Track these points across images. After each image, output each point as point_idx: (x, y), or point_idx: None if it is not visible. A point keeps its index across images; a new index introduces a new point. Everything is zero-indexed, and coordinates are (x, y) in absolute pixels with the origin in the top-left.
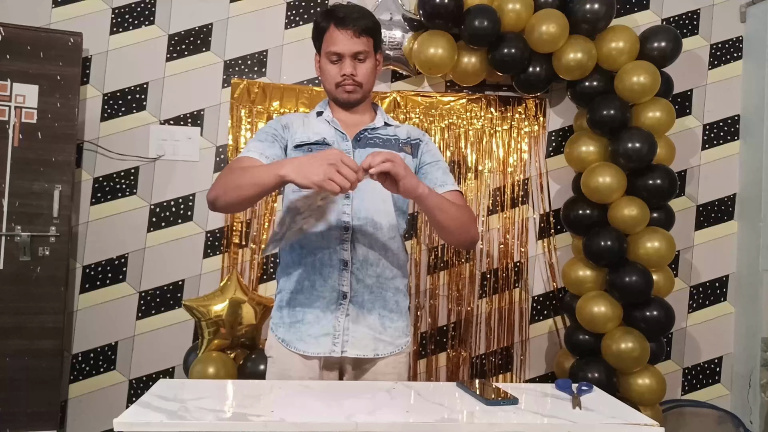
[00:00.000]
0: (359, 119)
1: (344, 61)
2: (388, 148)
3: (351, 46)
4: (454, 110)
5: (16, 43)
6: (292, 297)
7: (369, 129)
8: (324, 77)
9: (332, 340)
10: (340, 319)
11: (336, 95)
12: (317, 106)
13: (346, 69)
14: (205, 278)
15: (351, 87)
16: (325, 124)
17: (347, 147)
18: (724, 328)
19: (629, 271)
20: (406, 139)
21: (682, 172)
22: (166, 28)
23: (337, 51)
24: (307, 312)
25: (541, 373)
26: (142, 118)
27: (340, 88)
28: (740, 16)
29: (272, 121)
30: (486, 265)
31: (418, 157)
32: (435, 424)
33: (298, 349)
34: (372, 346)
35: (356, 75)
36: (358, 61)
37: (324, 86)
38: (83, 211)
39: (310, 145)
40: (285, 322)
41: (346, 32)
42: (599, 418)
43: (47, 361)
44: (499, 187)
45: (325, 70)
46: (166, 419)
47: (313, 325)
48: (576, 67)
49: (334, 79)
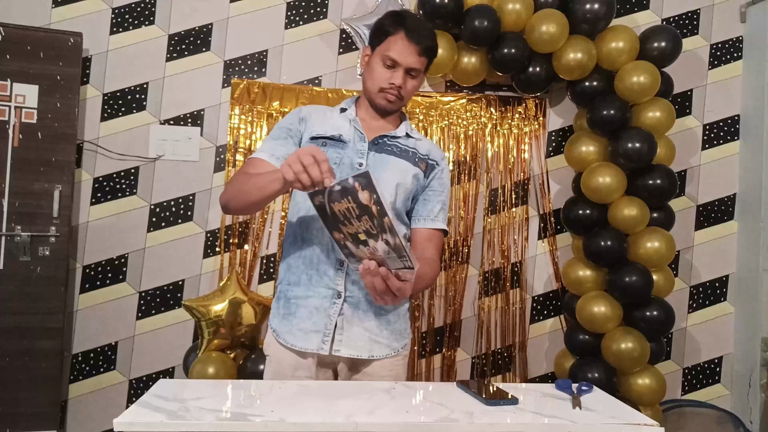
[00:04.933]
0: (383, 125)
1: (398, 71)
2: (405, 158)
3: (411, 60)
4: (454, 110)
5: (16, 43)
6: (289, 289)
7: (389, 136)
8: (370, 76)
9: (322, 337)
10: (333, 318)
11: (375, 99)
12: (343, 103)
13: (397, 79)
14: (205, 278)
15: (393, 98)
16: (346, 122)
17: (363, 148)
18: (724, 328)
19: (629, 271)
20: (425, 155)
21: (682, 172)
22: (166, 28)
23: (396, 59)
24: (300, 306)
25: (541, 373)
26: (142, 118)
27: (383, 94)
28: (740, 16)
29: (291, 113)
30: (486, 265)
31: (429, 179)
32: (435, 424)
33: (287, 341)
34: (368, 347)
35: (403, 88)
36: (410, 76)
37: (365, 84)
38: (83, 211)
39: (325, 138)
40: (280, 313)
41: (412, 46)
42: (599, 418)
43: (47, 361)
44: (499, 187)
45: (375, 70)
46: (166, 419)
47: (305, 320)
48: (576, 67)
49: (381, 84)
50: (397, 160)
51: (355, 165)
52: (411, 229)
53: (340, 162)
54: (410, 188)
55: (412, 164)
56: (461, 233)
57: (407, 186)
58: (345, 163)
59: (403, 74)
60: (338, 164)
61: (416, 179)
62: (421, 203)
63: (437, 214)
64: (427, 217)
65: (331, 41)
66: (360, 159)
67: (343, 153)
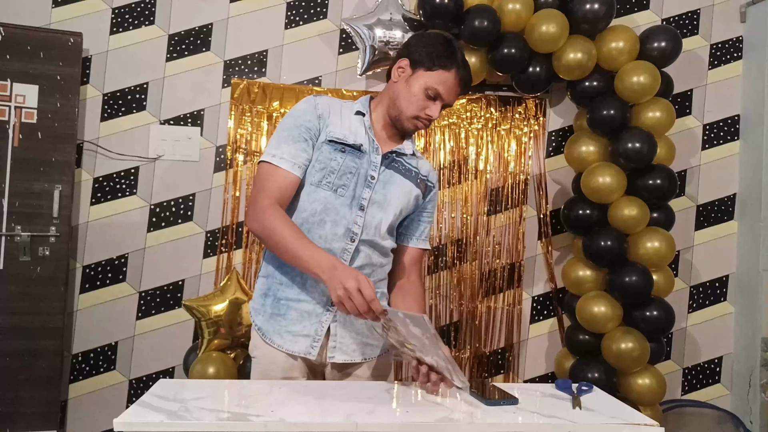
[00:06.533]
0: (392, 138)
1: (436, 104)
2: (409, 179)
3: (452, 98)
4: (454, 110)
5: (16, 43)
6: (280, 288)
7: (397, 152)
8: (407, 99)
9: (311, 342)
10: (324, 324)
11: (405, 122)
12: (358, 103)
13: (434, 112)
14: (205, 278)
15: (422, 126)
16: (362, 127)
17: (376, 160)
18: (724, 328)
19: (629, 271)
20: (425, 177)
21: (682, 172)
22: (166, 28)
23: (442, 95)
24: (291, 308)
25: (541, 373)
26: (142, 118)
27: (415, 121)
28: (740, 16)
29: (305, 105)
30: (486, 265)
31: (425, 200)
32: (435, 424)
33: (274, 342)
34: (360, 350)
35: (434, 120)
36: (442, 108)
37: (396, 100)
38: (83, 211)
39: (346, 145)
40: (266, 312)
41: (458, 86)
42: (599, 418)
43: (47, 361)
44: (499, 187)
45: (415, 95)
46: (166, 419)
47: (295, 323)
48: (576, 67)
49: (416, 111)
50: (403, 180)
51: (369, 177)
52: (400, 244)
53: (356, 172)
54: (410, 209)
55: (414, 185)
56: (461, 233)
57: (409, 208)
58: (360, 174)
59: (439, 108)
60: (354, 174)
61: (416, 200)
62: (415, 223)
63: (427, 235)
64: (418, 237)
65: (331, 41)
66: (373, 172)
67: (360, 164)
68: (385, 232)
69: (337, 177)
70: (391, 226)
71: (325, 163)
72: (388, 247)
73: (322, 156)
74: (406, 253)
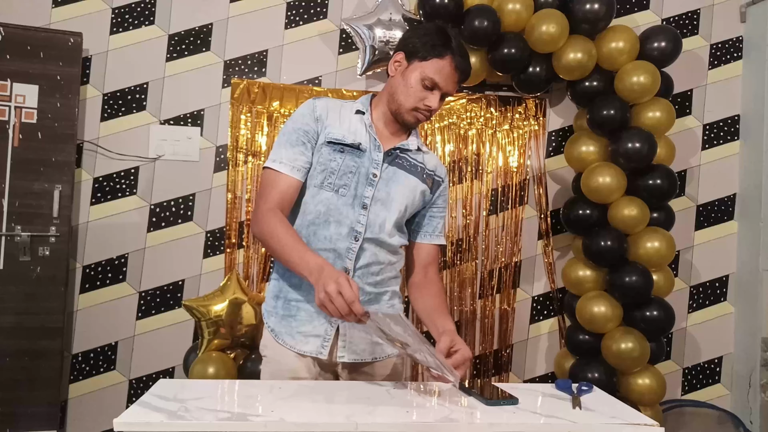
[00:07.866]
0: (395, 132)
1: (435, 94)
2: (414, 174)
3: (451, 87)
4: (454, 110)
5: (16, 43)
6: (289, 289)
7: (401, 148)
8: (405, 91)
9: (321, 342)
10: (333, 324)
11: (404, 115)
12: (358, 102)
13: (433, 102)
14: (205, 278)
15: (423, 118)
16: (362, 126)
17: (378, 158)
18: (724, 328)
19: (629, 271)
20: (432, 171)
21: (682, 172)
22: (166, 28)
23: (438, 84)
24: (301, 309)
25: (541, 373)
26: (142, 118)
27: (414, 113)
28: (740, 16)
29: (304, 109)
30: (486, 265)
31: (434, 195)
32: (435, 424)
33: (286, 343)
34: (369, 349)
35: (435, 110)
36: (441, 98)
37: (394, 94)
38: (83, 211)
39: (344, 145)
40: (278, 313)
41: (456, 73)
42: (599, 418)
43: (47, 361)
44: (499, 187)
45: (412, 86)
46: (166, 419)
47: (305, 324)
48: (576, 67)
49: (415, 102)
50: (407, 176)
51: (370, 175)
52: (413, 242)
53: (356, 171)
54: (417, 205)
55: (420, 180)
56: (461, 233)
57: (415, 204)
58: (361, 173)
59: (438, 97)
60: (354, 173)
61: (423, 195)
62: (427, 219)
63: (441, 231)
64: (432, 233)
65: (331, 41)
66: (375, 170)
67: (360, 162)
68: (391, 229)
69: (337, 177)
70: (398, 223)
71: (326, 165)
72: (396, 244)
73: (322, 158)
74: (420, 249)
